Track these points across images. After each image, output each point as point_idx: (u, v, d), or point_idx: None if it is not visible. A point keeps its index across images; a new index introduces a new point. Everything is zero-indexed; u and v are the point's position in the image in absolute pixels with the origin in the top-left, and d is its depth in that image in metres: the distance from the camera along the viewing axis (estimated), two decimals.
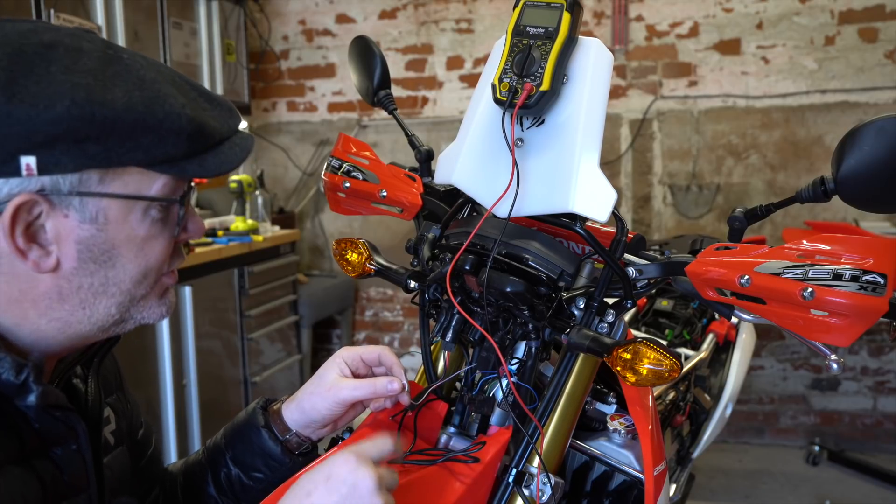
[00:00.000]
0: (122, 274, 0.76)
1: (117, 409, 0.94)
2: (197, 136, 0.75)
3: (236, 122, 0.82)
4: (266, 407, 1.02)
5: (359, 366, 0.99)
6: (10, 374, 0.70)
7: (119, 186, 0.73)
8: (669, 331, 1.95)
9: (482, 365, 1.00)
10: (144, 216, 0.76)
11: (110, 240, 0.74)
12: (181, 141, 0.73)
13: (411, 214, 1.12)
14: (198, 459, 1.05)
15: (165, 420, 2.68)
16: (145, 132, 0.71)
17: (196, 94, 0.78)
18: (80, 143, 0.69)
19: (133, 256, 0.76)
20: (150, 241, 0.77)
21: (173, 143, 0.73)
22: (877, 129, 0.77)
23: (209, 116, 0.77)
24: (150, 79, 0.74)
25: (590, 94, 0.91)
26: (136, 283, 0.78)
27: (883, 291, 0.75)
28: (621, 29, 3.50)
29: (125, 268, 0.76)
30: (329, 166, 1.17)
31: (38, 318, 0.74)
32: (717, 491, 3.05)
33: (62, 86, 0.68)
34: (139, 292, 0.79)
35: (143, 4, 2.86)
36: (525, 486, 0.91)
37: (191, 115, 0.74)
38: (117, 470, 0.89)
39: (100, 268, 0.75)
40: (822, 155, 3.37)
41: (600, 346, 0.88)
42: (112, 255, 0.75)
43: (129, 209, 0.74)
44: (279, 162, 4.03)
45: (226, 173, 0.79)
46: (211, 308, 2.92)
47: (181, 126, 0.73)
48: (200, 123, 0.75)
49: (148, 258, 0.77)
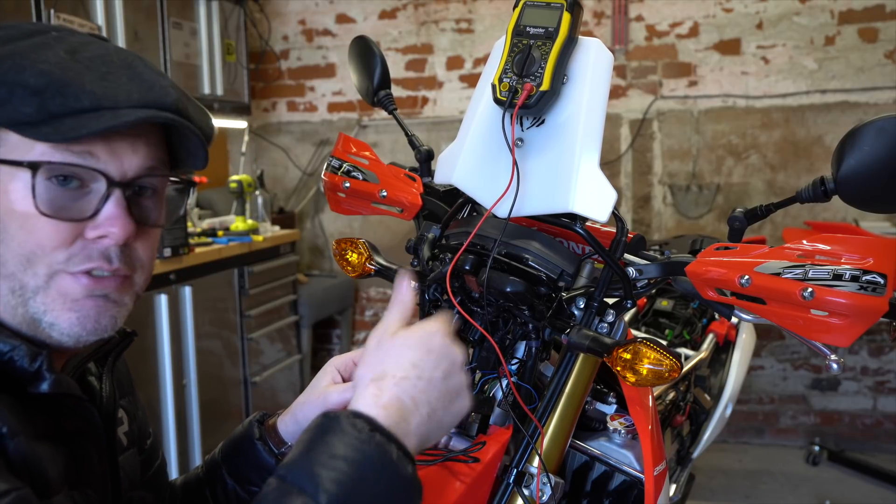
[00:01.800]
0: (7, 252, 0.71)
1: (130, 413, 0.94)
2: (50, 94, 0.68)
3: (151, 96, 0.73)
4: (262, 420, 1.02)
5: (352, 370, 0.98)
6: (24, 360, 0.70)
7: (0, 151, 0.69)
8: (669, 331, 1.95)
9: (482, 365, 1.00)
10: (25, 188, 0.69)
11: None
12: (27, 96, 0.67)
13: (411, 214, 1.12)
14: (196, 474, 1.05)
15: (165, 420, 2.68)
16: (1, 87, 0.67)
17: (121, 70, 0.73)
18: None
19: (15, 233, 0.70)
20: (33, 219, 0.70)
21: (21, 99, 0.67)
22: (877, 129, 0.77)
23: (98, 84, 0.70)
24: (42, 44, 0.71)
25: (590, 94, 0.91)
26: (22, 268, 0.71)
27: (883, 291, 0.75)
28: (621, 29, 3.50)
29: (9, 245, 0.70)
30: (329, 166, 1.17)
31: None
32: (717, 491, 3.05)
33: None
34: (29, 281, 0.71)
35: (143, 4, 2.86)
36: (525, 486, 0.92)
37: (48, 70, 0.68)
38: (129, 471, 0.89)
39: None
40: (822, 155, 3.37)
41: (600, 346, 0.88)
42: (0, 230, 0.70)
43: (10, 178, 0.70)
44: (279, 162, 4.03)
45: (82, 140, 0.70)
46: (211, 308, 2.92)
47: (26, 80, 0.67)
48: (59, 81, 0.68)
49: (29, 237, 0.70)
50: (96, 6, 2.62)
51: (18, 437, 0.67)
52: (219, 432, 2.85)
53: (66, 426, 0.75)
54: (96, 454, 0.79)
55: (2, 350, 0.70)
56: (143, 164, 0.76)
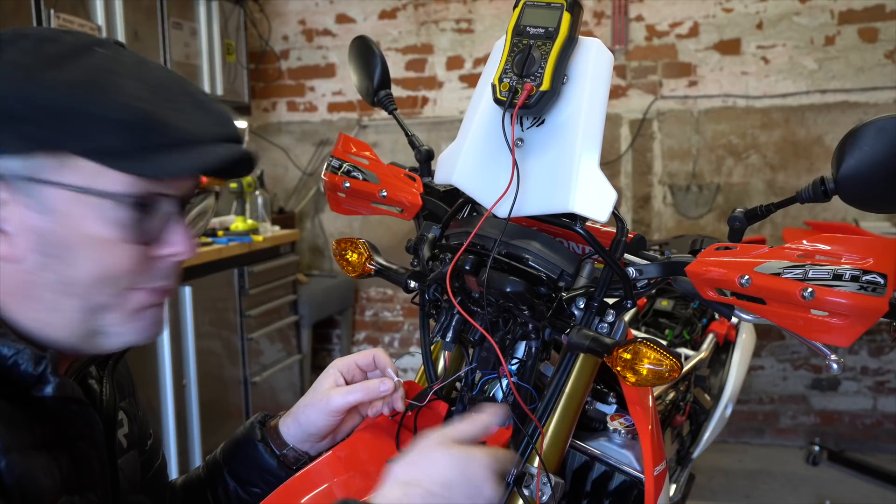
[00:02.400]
0: (80, 274, 0.72)
1: (130, 414, 0.94)
2: (144, 131, 0.70)
3: (224, 129, 0.76)
4: (264, 422, 1.02)
5: (354, 373, 0.99)
6: (28, 364, 0.70)
7: (71, 177, 0.70)
8: (669, 331, 1.95)
9: (482, 365, 1.00)
10: (99, 214, 0.71)
11: (64, 235, 0.71)
12: (122, 132, 0.69)
13: (411, 214, 1.12)
14: (197, 474, 1.05)
15: (165, 420, 2.68)
16: (79, 118, 0.68)
17: (185, 99, 0.75)
18: (20, 123, 0.67)
19: (89, 258, 0.72)
20: (108, 245, 0.72)
21: (112, 134, 0.69)
22: (877, 129, 0.77)
23: (179, 117, 0.72)
24: (112, 71, 0.71)
25: (590, 94, 0.91)
26: (95, 289, 0.73)
27: (883, 291, 0.75)
28: (621, 29, 3.50)
29: (83, 269, 0.72)
30: (329, 166, 1.17)
31: (18, 313, 0.73)
32: (717, 491, 3.05)
33: (5, 66, 0.68)
34: (100, 300, 0.73)
35: (143, 4, 2.86)
36: (525, 486, 0.91)
37: (145, 109, 0.70)
38: (129, 472, 0.90)
39: (56, 263, 0.71)
40: (822, 155, 3.37)
41: (600, 346, 0.88)
42: (68, 252, 0.71)
43: (82, 204, 0.70)
44: (279, 162, 4.03)
45: (182, 177, 0.73)
46: (211, 308, 2.92)
47: (123, 118, 0.69)
48: (155, 120, 0.70)
49: (106, 264, 0.72)
50: (96, 6, 2.62)
51: (11, 453, 0.67)
52: (219, 432, 2.85)
53: (67, 430, 0.76)
54: (97, 457, 0.79)
55: (5, 354, 0.70)
56: (195, 184, 0.79)
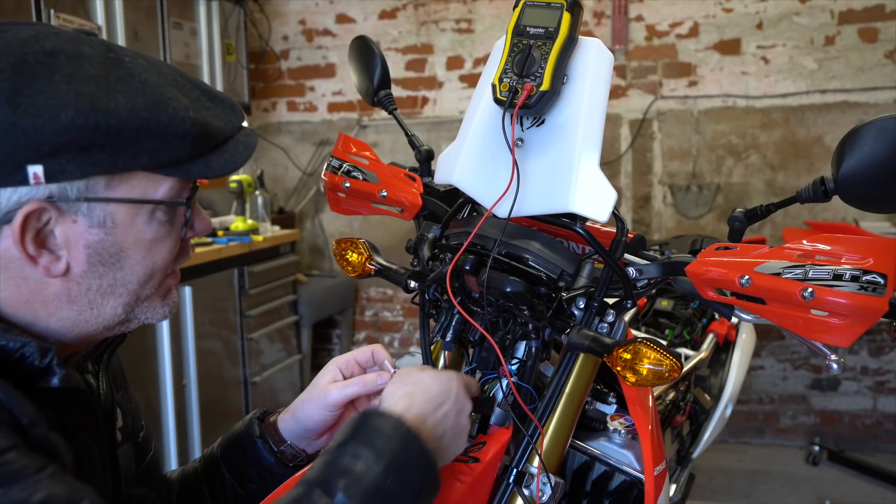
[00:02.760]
0: (129, 275, 0.78)
1: (123, 407, 0.95)
2: (201, 138, 0.75)
3: (239, 119, 0.82)
4: (262, 418, 1.02)
5: (353, 369, 0.99)
6: (34, 357, 0.72)
7: (125, 191, 0.74)
8: (669, 331, 1.95)
9: (482, 365, 1.00)
10: (151, 218, 0.77)
11: (118, 243, 0.76)
12: (186, 144, 0.74)
13: (411, 214, 1.12)
14: (194, 468, 1.06)
15: (165, 420, 2.68)
16: (149, 137, 0.72)
17: (199, 94, 0.79)
18: (86, 150, 0.69)
19: (141, 258, 0.78)
20: (158, 242, 0.78)
21: (178, 147, 0.74)
22: (877, 129, 0.77)
23: (212, 116, 0.78)
24: (152, 82, 0.75)
25: (590, 94, 0.91)
26: (143, 284, 0.79)
27: (883, 291, 0.75)
28: (621, 29, 3.50)
29: (133, 269, 0.78)
30: (329, 166, 1.17)
31: (47, 317, 0.76)
32: (717, 491, 3.05)
33: (66, 95, 0.69)
34: (145, 292, 0.80)
35: (143, 4, 2.86)
36: (525, 486, 0.92)
37: (194, 117, 0.75)
38: (125, 464, 0.90)
39: (108, 270, 0.76)
40: (822, 155, 3.37)
41: (600, 346, 0.88)
42: (120, 258, 0.76)
43: (135, 212, 0.76)
44: (279, 162, 4.03)
45: (231, 173, 0.80)
46: (211, 308, 2.92)
47: (185, 129, 0.74)
48: (204, 125, 0.76)
49: (155, 259, 0.79)
50: (96, 6, 2.62)
51: (39, 426, 0.69)
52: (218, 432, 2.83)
53: (69, 422, 0.77)
54: (98, 449, 0.80)
55: (13, 347, 0.72)
56: None
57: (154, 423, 2.63)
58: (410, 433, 0.78)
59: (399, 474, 0.75)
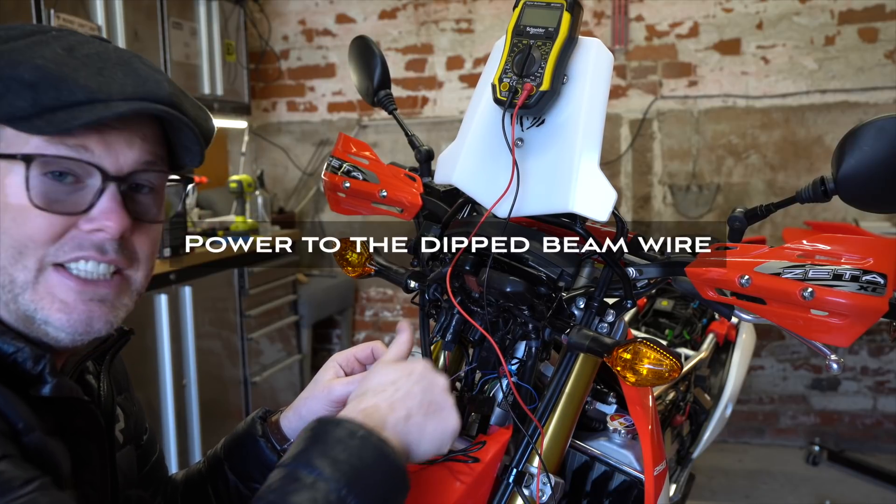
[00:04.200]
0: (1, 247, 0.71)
1: (126, 409, 0.94)
2: (44, 88, 0.68)
3: (141, 90, 0.73)
4: (265, 417, 1.02)
5: (354, 366, 0.99)
6: (28, 362, 0.71)
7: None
8: (669, 331, 1.95)
9: (482, 365, 1.00)
10: (16, 181, 0.70)
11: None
12: (23, 90, 0.68)
13: (411, 214, 1.12)
14: (198, 469, 1.06)
15: (165, 420, 2.68)
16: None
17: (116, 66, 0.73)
18: None
19: (7, 226, 0.71)
20: (25, 211, 0.71)
21: (16, 94, 0.68)
22: (877, 129, 0.77)
23: (88, 78, 0.71)
24: (40, 41, 0.72)
25: (590, 94, 0.91)
26: (13, 260, 0.71)
27: (883, 291, 0.75)
28: (621, 29, 3.50)
29: (1, 239, 0.71)
30: (329, 166, 1.17)
31: None
32: (717, 491, 3.05)
33: None
34: (19, 275, 0.72)
35: (143, 4, 2.86)
36: (525, 486, 0.92)
37: (43, 66, 0.69)
38: (125, 467, 0.90)
39: None
40: (822, 155, 3.37)
41: (600, 346, 0.88)
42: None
43: (6, 172, 0.71)
44: (279, 162, 4.03)
45: (73, 131, 0.70)
46: (211, 308, 2.92)
47: (21, 74, 0.68)
48: (53, 75, 0.69)
49: (21, 230, 0.71)
50: (96, 6, 2.62)
51: (34, 432, 0.68)
52: (219, 432, 2.84)
53: (68, 426, 0.76)
54: (97, 453, 0.79)
55: (7, 351, 0.71)
56: (138, 159, 0.76)
57: (154, 423, 2.63)
58: (368, 437, 0.72)
59: (358, 484, 0.70)
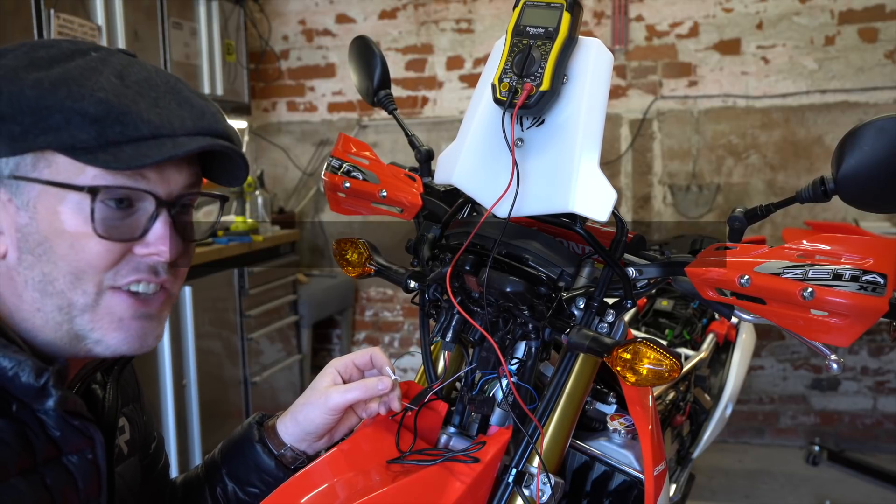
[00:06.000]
0: (55, 271, 0.72)
1: (132, 420, 0.94)
2: (109, 122, 0.70)
3: (201, 124, 0.75)
4: (262, 422, 1.02)
5: (352, 372, 0.99)
6: (30, 377, 0.70)
7: (49, 173, 0.71)
8: (669, 331, 1.95)
9: (482, 365, 1.00)
10: (74, 209, 0.72)
11: (42, 230, 0.72)
12: (86, 124, 0.69)
13: (411, 214, 1.12)
14: (196, 474, 1.06)
15: (165, 420, 2.68)
16: (51, 112, 0.69)
17: (168, 95, 0.75)
18: (6, 123, 0.69)
19: (64, 252, 0.72)
20: (83, 239, 0.72)
21: (81, 128, 0.69)
22: (877, 129, 0.77)
23: (149, 109, 0.72)
24: (91, 68, 0.72)
25: (590, 94, 0.91)
26: (71, 286, 0.73)
27: (883, 291, 0.75)
28: (621, 29, 3.50)
29: (57, 265, 0.72)
30: (329, 166, 1.17)
31: (13, 316, 0.74)
32: (717, 491, 3.05)
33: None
34: (78, 299, 0.73)
35: (143, 4, 2.86)
36: (525, 486, 0.91)
37: (106, 98, 0.70)
38: (128, 479, 0.90)
39: (37, 261, 0.72)
40: (822, 155, 3.37)
41: (600, 346, 0.88)
42: (46, 249, 0.72)
43: (59, 199, 0.72)
44: (279, 162, 4.03)
45: (144, 167, 0.72)
46: (211, 308, 2.92)
47: (89, 110, 0.69)
48: (117, 109, 0.70)
49: (80, 257, 0.72)
50: (96, 6, 2.62)
51: None
52: (219, 432, 2.85)
53: (67, 443, 0.76)
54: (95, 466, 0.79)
55: (5, 366, 0.70)
56: (186, 183, 0.78)
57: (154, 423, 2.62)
58: None
59: None
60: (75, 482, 0.76)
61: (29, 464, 0.72)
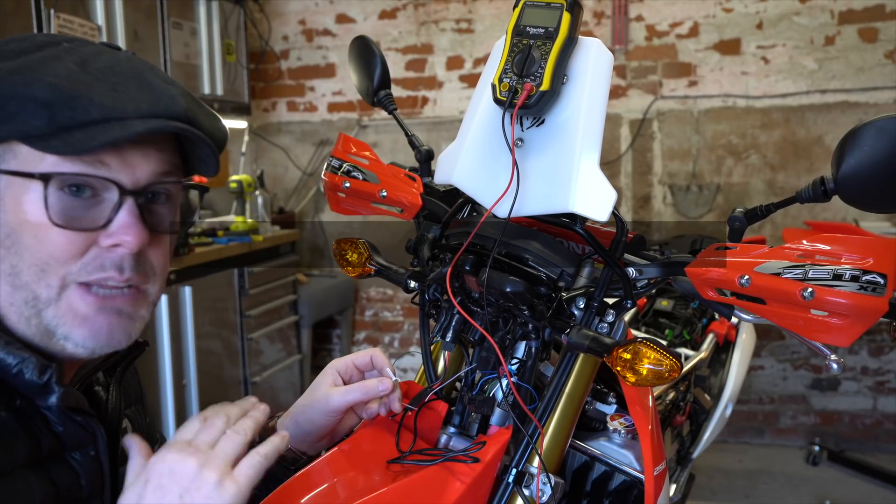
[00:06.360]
0: (21, 263, 0.71)
1: (135, 422, 0.94)
2: (59, 107, 0.68)
3: (158, 107, 0.73)
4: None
5: (352, 373, 0.99)
6: (33, 374, 0.70)
7: (15, 164, 0.70)
8: (669, 331, 1.95)
9: (482, 365, 1.00)
10: (35, 199, 0.70)
11: (10, 222, 0.71)
12: (38, 110, 0.68)
13: (411, 214, 1.12)
14: None
15: (165, 420, 2.68)
16: (10, 101, 0.68)
17: (131, 80, 0.73)
18: None
19: (29, 244, 0.71)
20: (44, 230, 0.71)
21: (31, 113, 0.68)
22: (877, 129, 0.77)
23: (104, 94, 0.70)
24: (54, 56, 0.72)
25: (590, 94, 0.91)
26: (36, 278, 0.71)
27: (883, 291, 0.75)
28: (621, 29, 3.50)
29: (23, 257, 0.71)
30: (329, 166, 1.17)
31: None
32: (717, 491, 3.05)
33: None
34: (42, 292, 0.72)
35: (143, 4, 2.86)
36: (525, 486, 0.92)
37: (57, 83, 0.69)
38: None
39: (6, 253, 0.71)
40: (822, 155, 3.37)
41: (600, 346, 0.88)
42: (14, 241, 0.71)
43: (24, 189, 0.71)
44: (279, 162, 4.03)
45: (95, 152, 0.70)
46: (211, 308, 2.92)
47: (35, 94, 0.68)
48: (68, 94, 0.69)
49: (43, 248, 0.71)
50: (96, 6, 2.62)
51: None
52: None
53: (70, 440, 0.76)
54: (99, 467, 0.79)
55: (10, 363, 0.70)
56: (155, 171, 0.76)
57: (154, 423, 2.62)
58: None
59: None
60: (78, 479, 0.76)
61: (35, 457, 0.72)
